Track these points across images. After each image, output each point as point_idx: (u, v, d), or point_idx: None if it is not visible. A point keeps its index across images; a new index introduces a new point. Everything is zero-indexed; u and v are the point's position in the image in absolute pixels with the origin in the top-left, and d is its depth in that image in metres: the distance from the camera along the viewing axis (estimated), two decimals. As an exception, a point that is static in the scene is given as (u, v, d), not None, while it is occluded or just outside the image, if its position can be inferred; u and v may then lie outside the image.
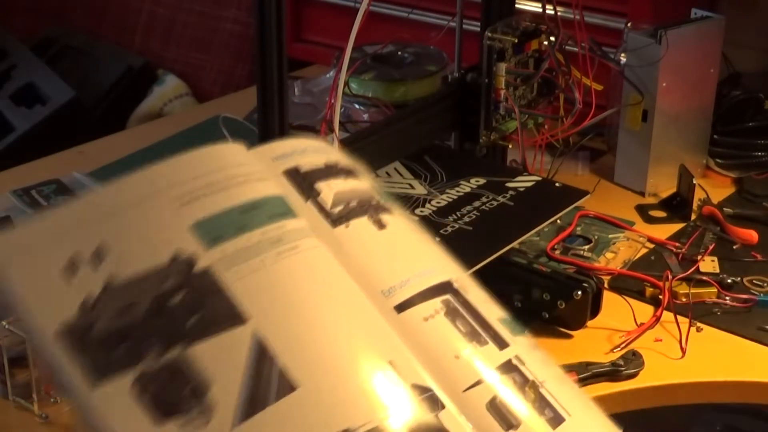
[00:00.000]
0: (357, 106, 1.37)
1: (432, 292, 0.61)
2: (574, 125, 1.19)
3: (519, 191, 1.12)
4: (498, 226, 1.05)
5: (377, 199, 0.66)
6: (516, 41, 1.16)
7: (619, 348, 0.98)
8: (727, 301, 1.05)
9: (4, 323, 0.88)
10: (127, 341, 0.53)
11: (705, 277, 1.07)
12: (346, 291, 0.59)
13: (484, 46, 1.16)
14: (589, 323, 1.00)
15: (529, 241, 1.11)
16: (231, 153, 0.62)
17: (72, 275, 0.55)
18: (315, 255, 0.60)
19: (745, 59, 1.48)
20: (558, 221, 1.16)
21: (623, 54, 1.28)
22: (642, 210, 1.26)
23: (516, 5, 1.24)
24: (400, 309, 0.60)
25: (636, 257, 1.14)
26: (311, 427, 0.52)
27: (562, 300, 0.98)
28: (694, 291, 1.05)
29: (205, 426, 0.51)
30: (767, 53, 1.52)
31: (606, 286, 1.06)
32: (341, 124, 1.03)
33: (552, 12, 1.17)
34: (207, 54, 2.03)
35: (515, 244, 1.03)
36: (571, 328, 1.00)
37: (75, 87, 1.95)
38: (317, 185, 0.64)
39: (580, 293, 0.97)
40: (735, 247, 1.16)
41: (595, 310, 1.00)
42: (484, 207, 1.08)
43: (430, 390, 0.56)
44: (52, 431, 0.89)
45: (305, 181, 0.64)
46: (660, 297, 1.04)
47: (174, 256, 0.56)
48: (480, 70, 1.17)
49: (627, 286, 1.08)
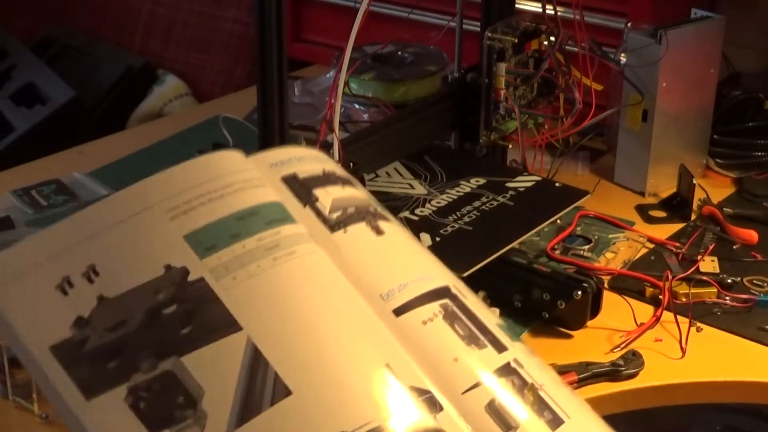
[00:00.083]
0: (357, 106, 1.37)
1: (430, 296, 0.61)
2: (574, 125, 1.19)
3: (519, 191, 1.12)
4: (498, 226, 1.05)
5: (375, 207, 0.66)
6: (516, 41, 1.16)
7: (619, 348, 0.98)
8: (727, 301, 1.05)
9: (4, 323, 0.88)
10: (121, 354, 0.53)
11: (705, 277, 1.07)
12: (343, 295, 0.59)
13: (484, 46, 1.16)
14: (589, 323, 1.00)
15: (529, 241, 1.11)
16: (228, 161, 0.62)
17: (66, 292, 0.55)
18: (313, 260, 0.60)
19: (745, 59, 1.48)
20: (558, 221, 1.16)
21: (623, 54, 1.28)
22: (642, 210, 1.26)
23: (516, 5, 1.24)
24: (398, 312, 0.60)
25: (636, 257, 1.14)
26: (307, 431, 0.52)
27: (562, 300, 0.98)
28: (694, 291, 1.05)
29: None
30: (767, 53, 1.52)
31: (606, 286, 1.06)
32: (341, 124, 1.03)
33: (552, 12, 1.17)
34: (207, 54, 2.03)
35: (515, 244, 1.03)
36: (571, 328, 1.00)
37: (75, 87, 1.95)
38: (315, 191, 0.64)
39: (580, 293, 0.97)
40: (735, 247, 1.16)
41: (595, 310, 1.00)
42: (484, 207, 1.08)
43: (428, 392, 0.56)
44: (52, 431, 0.89)
45: (303, 188, 0.64)
46: (660, 297, 1.04)
47: (167, 268, 0.56)
48: (480, 70, 1.17)
49: (627, 286, 1.08)
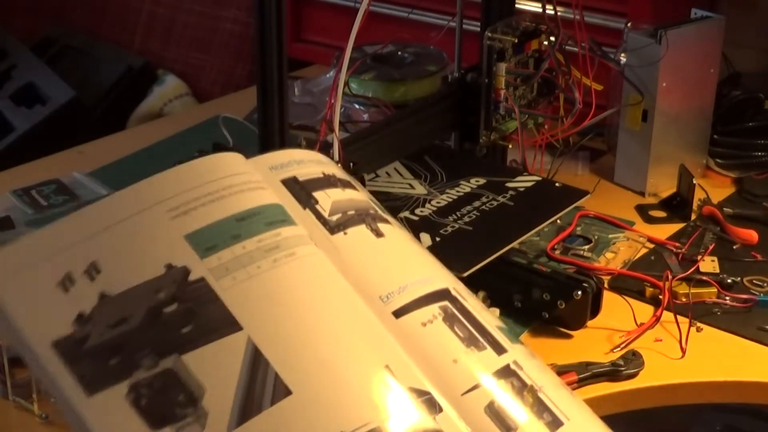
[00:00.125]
0: (357, 106, 1.37)
1: (430, 298, 0.62)
2: (574, 125, 1.19)
3: (519, 191, 1.12)
4: (498, 226, 1.05)
5: (375, 210, 0.66)
6: (516, 41, 1.16)
7: (619, 348, 0.98)
8: (727, 301, 1.05)
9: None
10: (122, 351, 0.54)
11: (705, 277, 1.07)
12: (343, 296, 0.59)
13: (484, 46, 1.16)
14: (589, 323, 1.00)
15: (529, 241, 1.11)
16: (228, 163, 0.63)
17: (67, 289, 0.55)
18: (312, 261, 0.60)
19: (745, 59, 1.48)
20: (558, 221, 1.16)
21: (623, 54, 1.28)
22: (642, 210, 1.26)
23: (516, 5, 1.24)
24: (398, 314, 0.60)
25: (636, 257, 1.14)
26: (306, 431, 0.52)
27: (562, 300, 0.98)
28: (694, 291, 1.05)
29: (201, 431, 0.52)
30: (767, 53, 1.52)
31: (606, 286, 1.06)
32: (341, 124, 1.03)
33: (552, 12, 1.17)
34: (207, 54, 2.03)
35: (515, 244, 1.03)
36: (571, 328, 1.00)
37: (75, 87, 1.95)
38: (315, 194, 0.65)
39: (580, 293, 0.97)
40: (735, 247, 1.16)
41: (595, 310, 1.00)
42: (484, 207, 1.08)
43: (428, 393, 0.56)
44: (52, 431, 0.89)
45: (303, 190, 0.64)
46: (660, 297, 1.04)
47: (168, 267, 0.56)
48: (480, 70, 1.17)
49: (627, 286, 1.08)
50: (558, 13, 1.18)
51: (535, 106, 1.22)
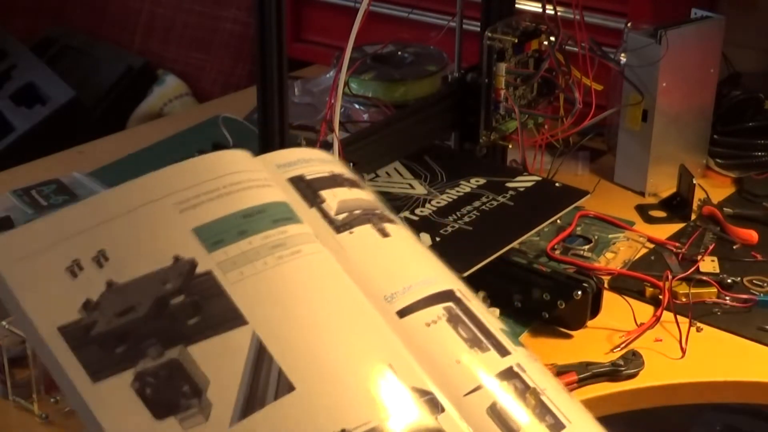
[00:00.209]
0: (357, 106, 1.37)
1: (434, 299, 0.62)
2: (574, 125, 1.19)
3: (519, 191, 1.12)
4: (498, 226, 1.05)
5: (382, 210, 0.67)
6: (516, 41, 1.16)
7: (619, 348, 0.98)
8: (727, 301, 1.05)
9: (4, 323, 0.88)
10: (128, 340, 0.54)
11: (705, 277, 1.07)
12: (347, 295, 0.59)
13: (484, 46, 1.16)
14: (589, 323, 1.00)
15: (529, 241, 1.11)
16: (236, 160, 0.63)
17: (75, 276, 0.55)
18: (317, 259, 0.60)
19: (745, 59, 1.48)
20: (558, 221, 1.16)
21: (623, 54, 1.28)
22: (642, 210, 1.26)
23: (516, 5, 1.24)
24: (402, 314, 0.60)
25: (636, 257, 1.14)
26: (309, 427, 0.53)
27: (562, 300, 0.98)
28: (694, 291, 1.05)
29: (204, 422, 0.52)
30: (767, 53, 1.52)
31: (606, 286, 1.06)
32: (341, 124, 1.03)
33: (552, 12, 1.17)
34: (207, 54, 2.03)
35: (515, 244, 1.03)
36: (571, 328, 1.00)
37: (75, 87, 1.95)
38: (322, 193, 0.65)
39: (580, 293, 0.97)
40: (735, 247, 1.16)
41: (595, 310, 1.00)
42: (484, 207, 1.08)
43: (430, 393, 0.56)
44: (52, 431, 0.89)
45: (310, 189, 0.65)
46: (660, 297, 1.04)
47: (175, 259, 0.56)
48: (480, 70, 1.17)
49: (627, 286, 1.08)
50: (558, 13, 1.18)
51: (535, 106, 1.22)
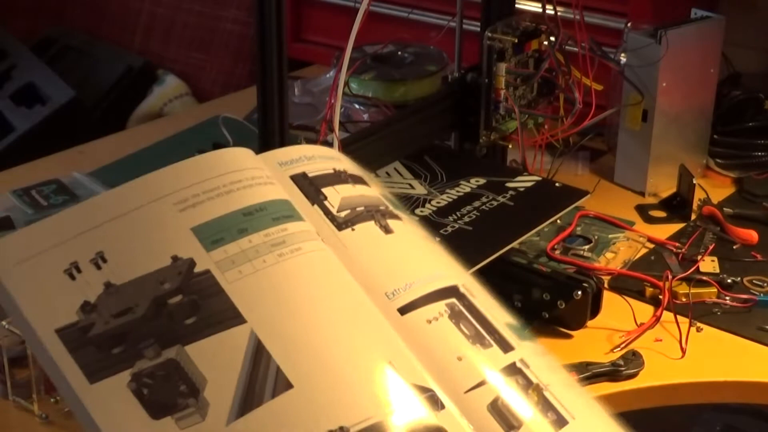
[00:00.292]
0: (357, 106, 1.37)
1: (437, 295, 0.62)
2: (574, 125, 1.19)
3: (519, 191, 1.12)
4: (498, 226, 1.05)
5: (386, 206, 0.67)
6: (516, 41, 1.16)
7: (619, 348, 0.98)
8: (727, 301, 1.05)
9: (4, 323, 0.88)
10: (126, 341, 0.54)
11: (705, 277, 1.07)
12: (347, 292, 0.59)
13: (484, 46, 1.16)
14: (589, 323, 1.00)
15: (529, 241, 1.11)
16: (237, 158, 0.63)
17: (73, 278, 0.55)
18: (318, 257, 0.60)
19: (745, 59, 1.48)
20: (558, 221, 1.16)
21: (623, 54, 1.28)
22: (642, 210, 1.26)
23: (516, 5, 1.24)
24: (403, 311, 0.60)
25: (636, 257, 1.14)
26: (307, 424, 0.53)
27: (562, 300, 0.98)
28: (694, 291, 1.05)
29: (201, 421, 0.52)
30: (767, 53, 1.52)
31: (606, 286, 1.06)
32: (341, 124, 1.03)
33: (552, 12, 1.17)
34: (207, 54, 2.03)
35: (515, 244, 1.03)
36: (571, 328, 1.00)
37: (75, 87, 1.95)
38: (324, 190, 0.65)
39: (580, 293, 0.97)
40: (735, 247, 1.16)
41: (595, 310, 1.00)
42: (484, 207, 1.08)
43: (430, 390, 0.56)
44: (52, 431, 0.89)
45: (312, 186, 0.65)
46: (660, 297, 1.04)
47: (174, 259, 0.56)
48: (480, 70, 1.17)
49: (627, 286, 1.08)
50: (558, 13, 1.18)
51: (535, 106, 1.22)
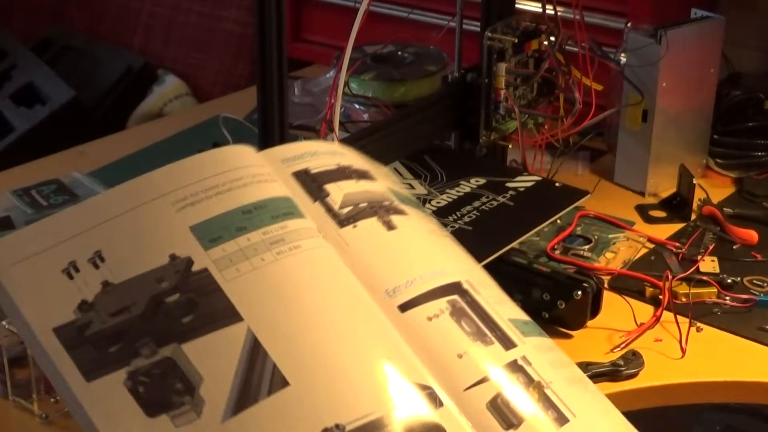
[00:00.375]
0: (357, 106, 1.37)
1: (438, 292, 0.61)
2: (574, 125, 1.19)
3: (519, 191, 1.12)
4: (498, 226, 1.05)
5: (391, 202, 0.66)
6: (516, 41, 1.16)
7: (619, 348, 0.98)
8: (727, 301, 1.05)
9: (4, 323, 0.88)
10: (123, 339, 0.54)
11: (705, 277, 1.07)
12: (346, 289, 0.59)
13: (484, 46, 1.16)
14: (589, 323, 1.00)
15: (529, 241, 1.11)
16: (238, 155, 0.63)
17: (71, 277, 0.55)
18: (317, 254, 0.60)
19: (745, 59, 1.48)
20: (558, 221, 1.16)
21: (623, 54, 1.28)
22: (642, 210, 1.26)
23: (516, 5, 1.24)
24: (403, 308, 0.60)
25: (636, 257, 1.14)
26: (302, 422, 0.53)
27: (562, 300, 0.98)
28: (694, 291, 1.05)
29: (197, 419, 0.52)
30: (767, 53, 1.52)
31: (606, 286, 1.06)
32: (341, 124, 1.03)
33: (552, 12, 1.17)
34: (207, 54, 2.03)
35: (515, 244, 1.03)
36: (571, 328, 1.00)
37: (75, 87, 1.95)
38: (327, 187, 0.65)
39: (580, 293, 0.97)
40: (735, 247, 1.16)
41: (595, 310, 1.00)
42: (484, 207, 1.08)
43: (429, 388, 0.56)
44: (52, 431, 0.89)
45: (314, 183, 0.65)
46: (660, 297, 1.04)
47: (171, 257, 0.56)
48: (480, 70, 1.17)
49: (627, 286, 1.08)
50: (558, 13, 1.18)
51: (535, 106, 1.22)
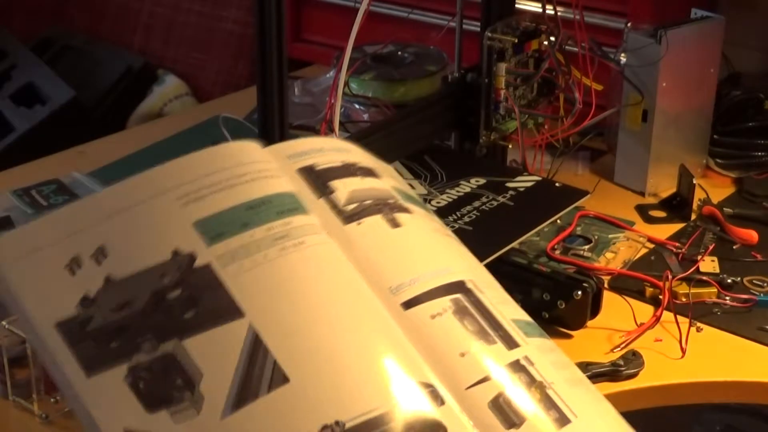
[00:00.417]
0: (357, 106, 1.37)
1: (442, 290, 0.61)
2: (574, 125, 1.19)
3: (519, 191, 1.12)
4: (498, 226, 1.05)
5: (396, 199, 0.66)
6: (516, 41, 1.16)
7: (619, 348, 0.98)
8: (727, 301, 1.05)
9: (4, 323, 0.88)
10: (124, 334, 0.54)
11: (705, 277, 1.07)
12: (349, 286, 0.59)
13: (484, 46, 1.16)
14: (589, 323, 1.00)
15: (529, 241, 1.11)
16: (243, 151, 0.63)
17: (74, 272, 0.55)
18: (321, 251, 0.60)
19: (745, 59, 1.48)
20: (558, 221, 1.16)
21: (623, 54, 1.28)
22: (642, 210, 1.26)
23: (516, 5, 1.24)
24: (407, 306, 0.60)
25: (636, 257, 1.14)
26: (302, 418, 0.53)
27: (562, 300, 0.98)
28: (694, 291, 1.05)
29: (196, 415, 0.52)
30: (767, 53, 1.52)
31: (606, 286, 1.06)
32: (341, 124, 1.03)
33: (552, 12, 1.17)
34: (207, 54, 2.03)
35: (515, 244, 1.03)
36: (571, 328, 1.00)
37: (75, 87, 1.95)
38: (332, 183, 0.65)
39: (580, 293, 0.97)
40: (735, 247, 1.16)
41: (595, 310, 1.00)
42: (484, 207, 1.08)
43: (430, 385, 0.56)
44: (52, 431, 0.89)
45: (319, 179, 0.64)
46: (660, 297, 1.04)
47: (174, 253, 0.56)
48: (480, 70, 1.17)
49: (627, 286, 1.08)
50: (558, 13, 1.18)
51: (535, 106, 1.22)
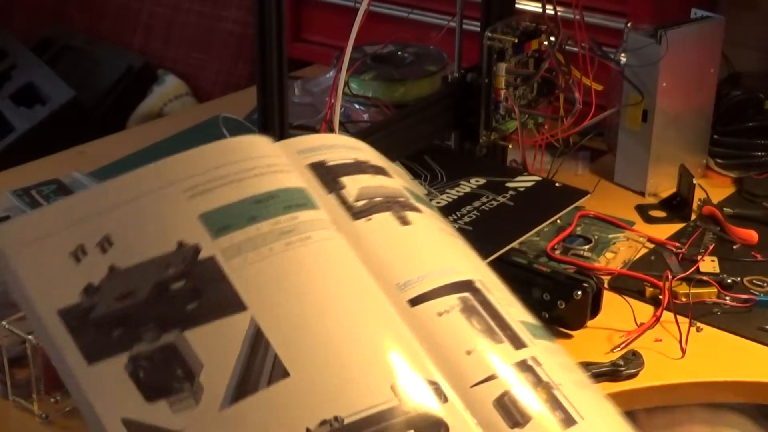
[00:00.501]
0: (357, 106, 1.37)
1: (450, 288, 0.61)
2: (574, 125, 1.19)
3: (519, 191, 1.12)
4: (498, 226, 1.05)
5: (406, 198, 0.66)
6: (516, 41, 1.16)
7: (619, 348, 0.98)
8: (727, 301, 1.05)
9: (4, 323, 0.88)
10: (126, 324, 0.54)
11: (705, 277, 1.07)
12: (355, 281, 0.59)
13: (484, 46, 1.16)
14: (589, 323, 1.00)
15: (529, 241, 1.11)
16: (252, 145, 0.63)
17: (79, 260, 0.56)
18: (328, 246, 0.60)
19: (745, 59, 1.48)
20: (558, 221, 1.16)
21: (623, 54, 1.28)
22: (642, 210, 1.26)
23: (516, 5, 1.24)
24: (414, 303, 0.59)
25: (636, 257, 1.14)
26: (300, 413, 0.53)
27: (562, 300, 0.98)
28: (694, 291, 1.05)
29: (195, 406, 0.52)
30: (767, 53, 1.52)
31: (606, 286, 1.06)
32: (341, 124, 1.03)
33: (552, 12, 1.17)
34: (207, 54, 2.03)
35: (515, 244, 1.03)
36: (571, 328, 1.00)
37: (75, 87, 1.95)
38: (342, 179, 0.65)
39: (580, 293, 0.97)
40: (735, 247, 1.16)
41: (595, 310, 1.00)
42: (484, 207, 1.08)
43: (434, 383, 0.56)
44: (52, 431, 0.89)
45: (329, 175, 0.64)
46: (660, 297, 1.04)
47: (179, 244, 0.57)
48: (480, 70, 1.17)
49: (627, 286, 1.08)
50: (558, 13, 1.18)
51: (535, 106, 1.22)
